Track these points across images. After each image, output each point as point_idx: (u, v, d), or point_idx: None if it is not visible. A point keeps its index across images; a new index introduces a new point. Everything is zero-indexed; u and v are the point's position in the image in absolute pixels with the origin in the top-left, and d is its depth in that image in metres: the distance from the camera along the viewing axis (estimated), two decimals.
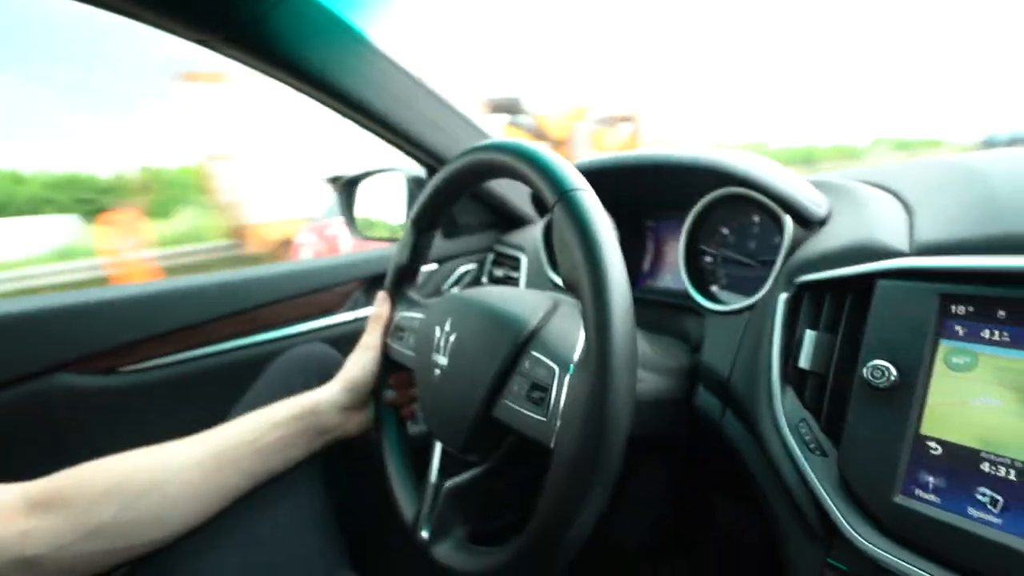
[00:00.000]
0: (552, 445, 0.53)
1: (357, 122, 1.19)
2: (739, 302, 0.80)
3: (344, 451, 0.81)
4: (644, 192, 0.99)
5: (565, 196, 0.55)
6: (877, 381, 0.53)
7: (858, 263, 0.60)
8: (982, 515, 0.47)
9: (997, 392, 0.48)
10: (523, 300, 0.68)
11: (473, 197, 1.42)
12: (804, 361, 0.63)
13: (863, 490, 0.53)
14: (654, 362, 0.79)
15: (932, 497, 0.50)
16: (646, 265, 1.09)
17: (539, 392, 0.58)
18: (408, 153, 1.30)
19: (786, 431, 0.61)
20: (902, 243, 0.59)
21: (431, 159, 1.30)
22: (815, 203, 0.76)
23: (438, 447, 0.83)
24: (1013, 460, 0.46)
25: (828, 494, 0.56)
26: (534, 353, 0.61)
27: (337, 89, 1.09)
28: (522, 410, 0.59)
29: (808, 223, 0.75)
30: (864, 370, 0.55)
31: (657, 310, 0.97)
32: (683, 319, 0.91)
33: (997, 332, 0.50)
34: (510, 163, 0.64)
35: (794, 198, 0.75)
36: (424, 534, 0.68)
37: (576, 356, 0.57)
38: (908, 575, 0.48)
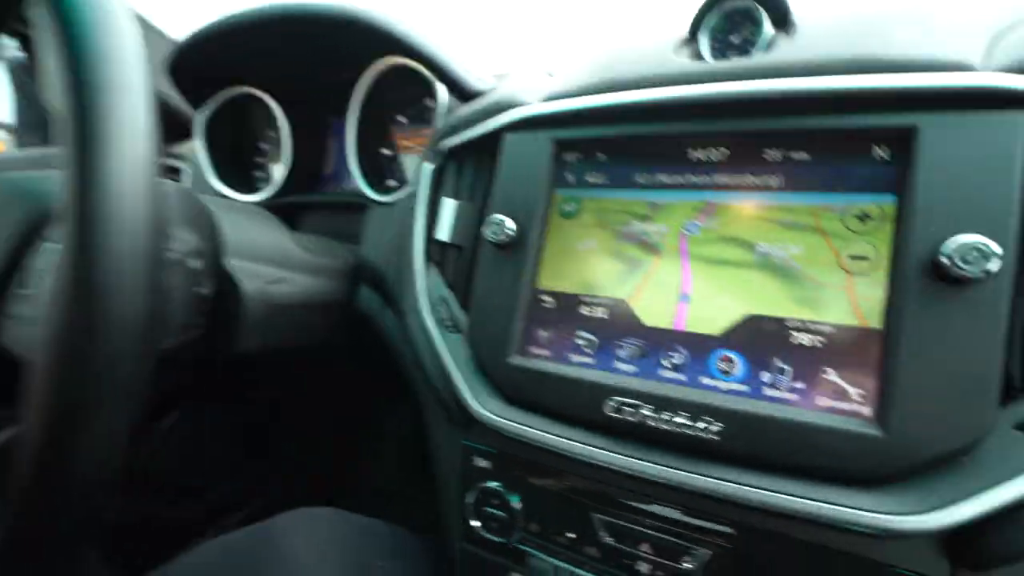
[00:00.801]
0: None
1: None
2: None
3: None
4: (298, 67, 0.83)
5: None
6: (496, 237, 0.48)
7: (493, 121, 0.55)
8: (581, 359, 0.45)
9: (595, 234, 0.47)
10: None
11: None
12: (442, 232, 0.56)
13: (485, 357, 0.49)
14: (308, 264, 0.66)
15: (543, 351, 0.47)
16: (329, 167, 0.94)
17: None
18: None
19: (424, 311, 0.54)
20: (533, 98, 0.55)
21: None
22: (475, 76, 0.70)
23: None
24: (603, 299, 0.45)
25: (456, 369, 0.50)
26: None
27: None
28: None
29: (464, 93, 0.68)
30: (485, 228, 0.49)
31: (342, 214, 0.83)
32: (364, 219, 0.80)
33: (598, 175, 0.48)
34: None
35: (449, 66, 0.67)
36: None
37: None
38: (531, 438, 0.45)
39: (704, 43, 0.49)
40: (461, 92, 0.67)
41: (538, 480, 0.47)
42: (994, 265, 0.31)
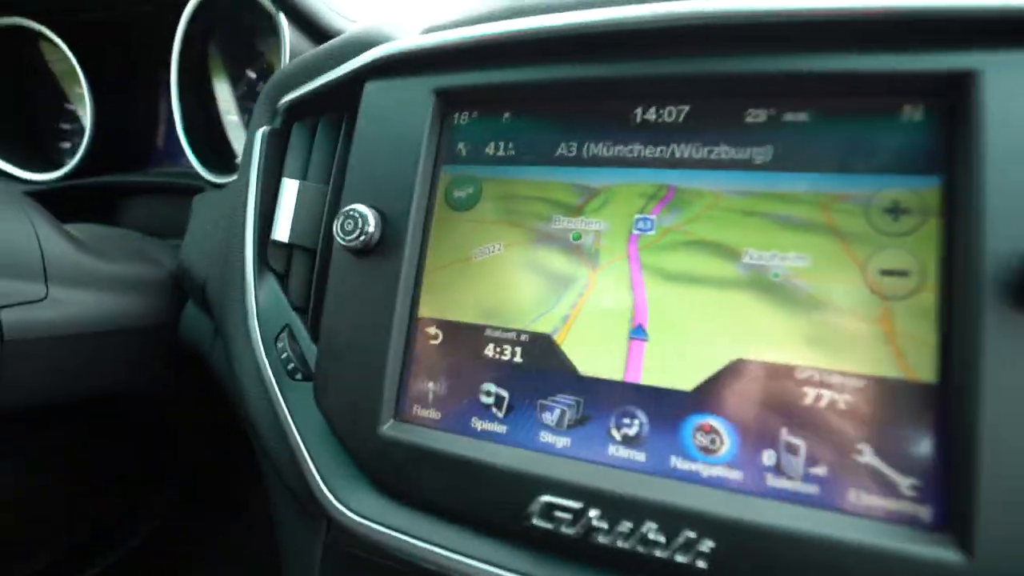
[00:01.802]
0: None
1: None
2: None
3: None
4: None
5: None
6: (350, 239, 0.31)
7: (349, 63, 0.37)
8: (488, 426, 0.30)
9: (499, 233, 0.31)
10: None
11: None
12: (280, 228, 0.38)
13: (342, 424, 0.32)
14: (99, 274, 0.44)
15: (431, 414, 0.31)
16: (160, 139, 0.69)
17: None
18: None
19: (257, 346, 0.36)
20: (407, 32, 0.38)
21: None
22: (336, 10, 0.50)
23: None
24: (519, 332, 0.30)
25: (302, 441, 0.33)
26: None
27: None
28: None
29: (320, 32, 0.48)
30: (336, 225, 0.32)
31: (177, 202, 0.60)
32: None
33: (503, 144, 0.32)
34: None
35: None
36: None
37: None
38: (413, 554, 0.29)
39: None
40: (314, 30, 0.48)
41: None
42: None
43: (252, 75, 0.58)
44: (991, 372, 0.21)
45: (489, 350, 0.30)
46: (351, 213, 0.31)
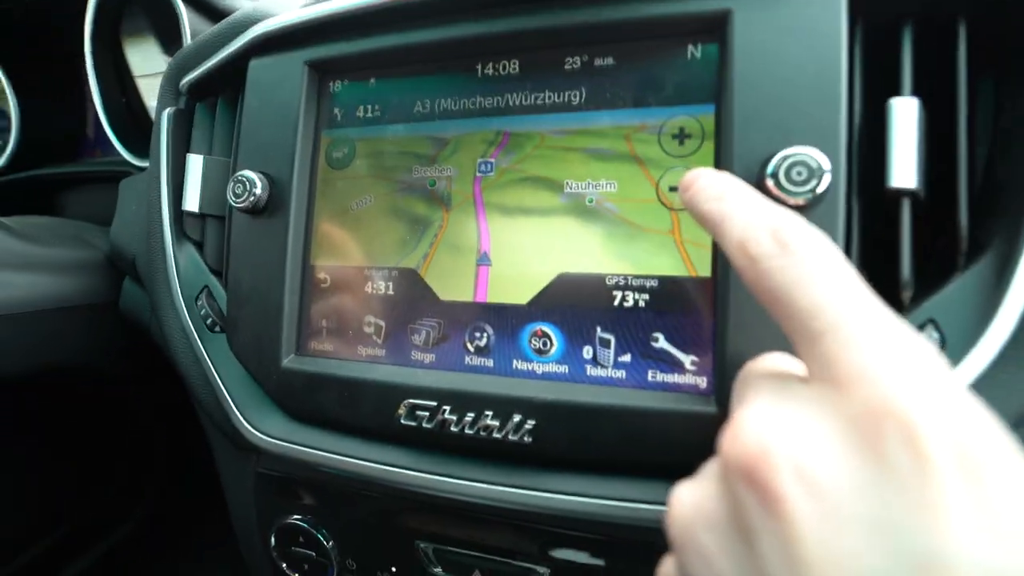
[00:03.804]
0: None
1: None
2: None
3: None
4: None
5: None
6: (240, 201, 0.35)
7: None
8: (370, 351, 0.35)
9: (371, 186, 0.36)
10: None
11: None
12: (190, 199, 0.42)
13: (252, 362, 0.37)
14: (33, 257, 0.48)
15: (326, 347, 0.36)
16: (90, 128, 0.72)
17: None
18: None
19: (179, 305, 0.41)
20: (282, 8, 0.41)
21: None
22: None
23: None
24: (390, 270, 0.35)
25: (222, 382, 0.38)
26: None
27: None
28: None
29: (215, 11, 0.51)
30: (228, 190, 0.36)
31: (112, 189, 0.64)
32: None
33: (371, 107, 0.36)
34: None
35: None
36: None
37: None
38: (317, 463, 0.34)
39: None
40: (211, 10, 0.51)
41: (348, 509, 0.37)
42: (823, 184, 0.24)
43: (167, 58, 0.61)
44: None
45: (368, 288, 0.35)
46: (239, 178, 0.35)
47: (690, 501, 0.18)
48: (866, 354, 0.16)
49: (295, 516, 0.39)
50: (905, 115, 0.26)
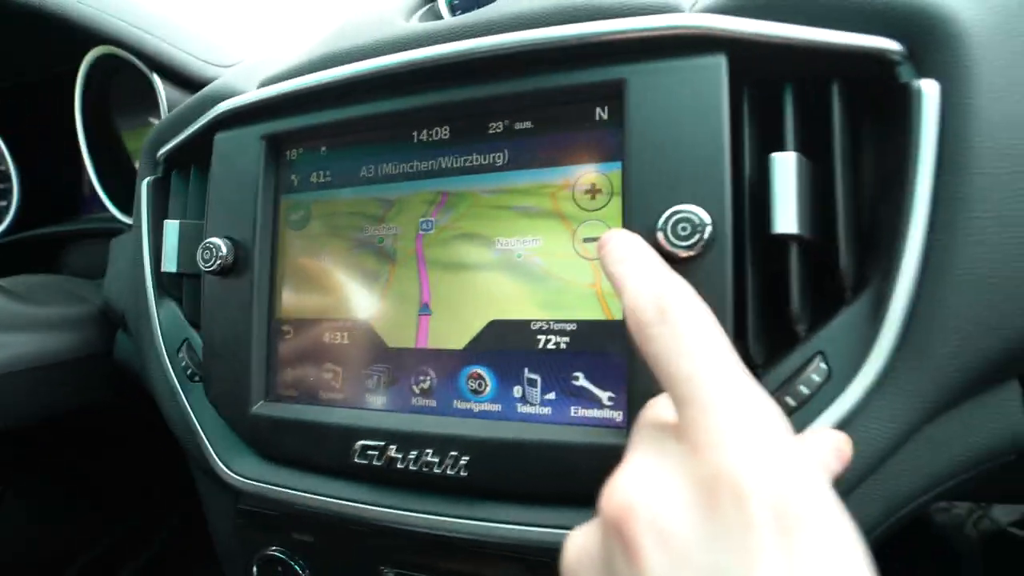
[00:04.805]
0: None
1: None
2: None
3: None
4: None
5: None
6: (208, 265, 0.39)
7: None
8: (330, 395, 0.38)
9: (329, 245, 0.39)
10: None
11: None
12: (168, 260, 0.45)
13: (226, 408, 0.40)
14: (29, 316, 0.52)
15: (291, 391, 0.39)
16: (87, 188, 0.77)
17: None
18: None
19: (163, 356, 0.44)
20: (250, 85, 0.45)
21: None
22: (205, 60, 0.57)
23: None
24: (345, 322, 0.38)
25: (201, 426, 0.41)
26: None
27: None
28: None
29: (191, 83, 0.56)
30: (198, 255, 0.40)
31: (108, 246, 0.68)
32: None
33: (323, 173, 0.40)
34: None
35: (160, 51, 0.54)
36: None
37: None
38: (282, 499, 0.38)
39: (443, 3, 0.42)
40: (185, 82, 0.55)
41: (318, 541, 0.40)
42: (705, 238, 0.27)
43: (154, 122, 0.65)
44: None
45: (326, 338, 0.38)
46: (207, 245, 0.39)
47: (577, 546, 0.21)
48: (718, 423, 0.18)
49: (273, 547, 0.42)
50: (784, 169, 0.29)
